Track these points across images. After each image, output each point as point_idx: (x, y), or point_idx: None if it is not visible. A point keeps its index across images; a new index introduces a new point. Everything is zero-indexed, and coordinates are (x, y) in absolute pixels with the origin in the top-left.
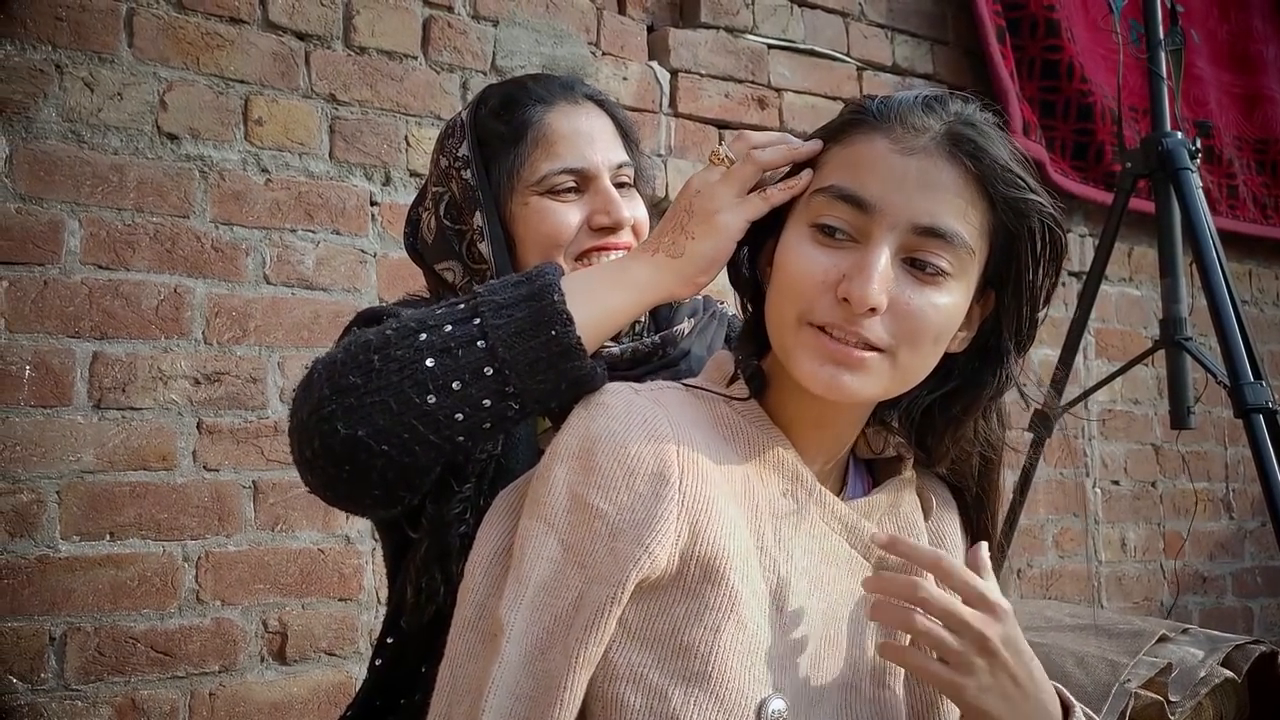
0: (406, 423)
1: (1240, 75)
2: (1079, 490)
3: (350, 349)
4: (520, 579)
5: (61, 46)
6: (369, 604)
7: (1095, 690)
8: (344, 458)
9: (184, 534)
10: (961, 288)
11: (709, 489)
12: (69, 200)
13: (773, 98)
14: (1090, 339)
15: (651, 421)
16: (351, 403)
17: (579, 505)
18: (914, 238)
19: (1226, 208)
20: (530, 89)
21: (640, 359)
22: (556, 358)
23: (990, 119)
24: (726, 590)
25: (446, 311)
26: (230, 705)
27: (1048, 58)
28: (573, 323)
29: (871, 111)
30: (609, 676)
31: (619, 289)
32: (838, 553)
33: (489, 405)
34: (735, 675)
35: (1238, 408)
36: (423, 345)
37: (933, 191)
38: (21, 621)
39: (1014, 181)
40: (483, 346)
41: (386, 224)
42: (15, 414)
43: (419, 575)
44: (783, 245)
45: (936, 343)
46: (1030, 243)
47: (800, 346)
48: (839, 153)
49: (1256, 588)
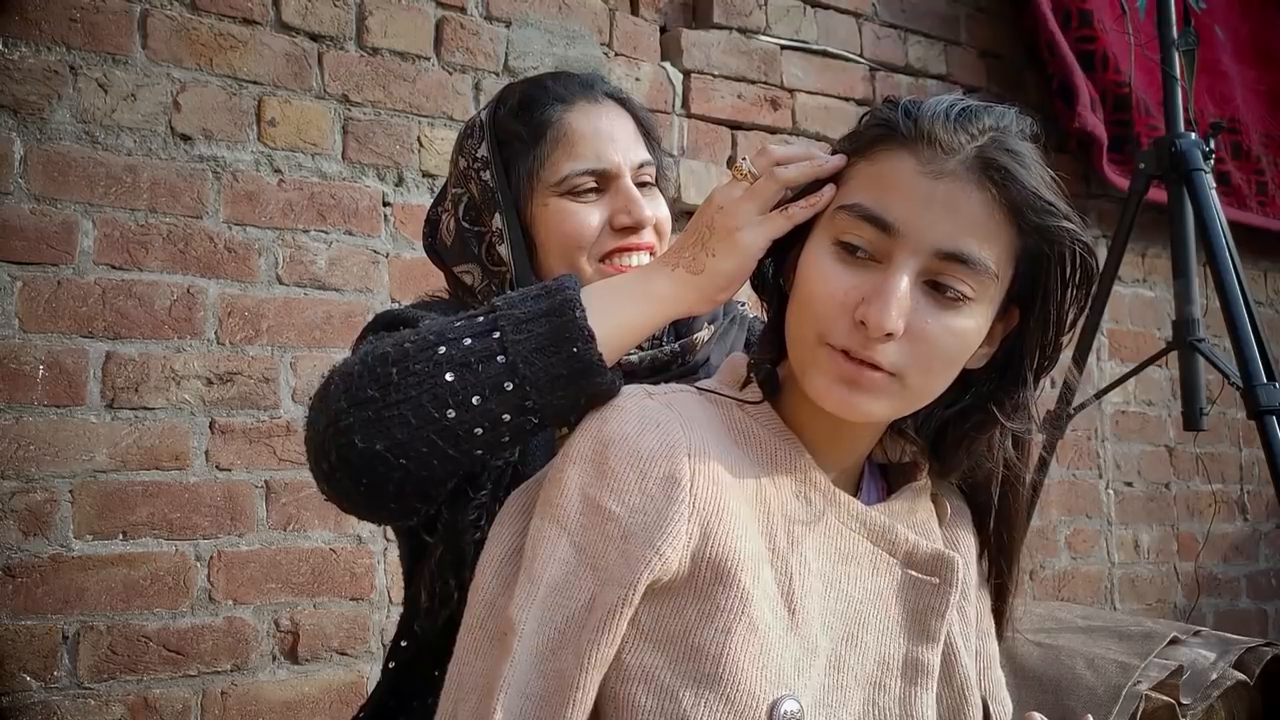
0: (426, 437)
1: (1264, 71)
2: (1092, 491)
3: (368, 360)
4: (532, 579)
5: (75, 48)
6: (381, 603)
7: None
8: (362, 471)
9: (196, 533)
10: (982, 311)
11: (720, 492)
12: (83, 201)
13: (785, 98)
14: (1104, 340)
15: (664, 424)
16: (369, 416)
17: (591, 507)
18: (936, 261)
19: (1256, 204)
20: (550, 88)
21: (659, 367)
22: (578, 374)
23: (1026, 131)
24: (738, 592)
25: (466, 324)
26: (242, 704)
27: (1082, 49)
28: (594, 339)
29: (900, 126)
30: (621, 677)
31: (638, 303)
32: (857, 551)
33: (508, 420)
34: (747, 676)
35: (1250, 409)
36: (442, 359)
37: (958, 216)
38: (35, 620)
39: (1044, 209)
40: (503, 362)
41: (399, 224)
42: (29, 413)
43: (433, 580)
44: (804, 259)
45: (951, 365)
46: (1060, 267)
47: (815, 365)
48: (865, 169)
49: (1271, 590)
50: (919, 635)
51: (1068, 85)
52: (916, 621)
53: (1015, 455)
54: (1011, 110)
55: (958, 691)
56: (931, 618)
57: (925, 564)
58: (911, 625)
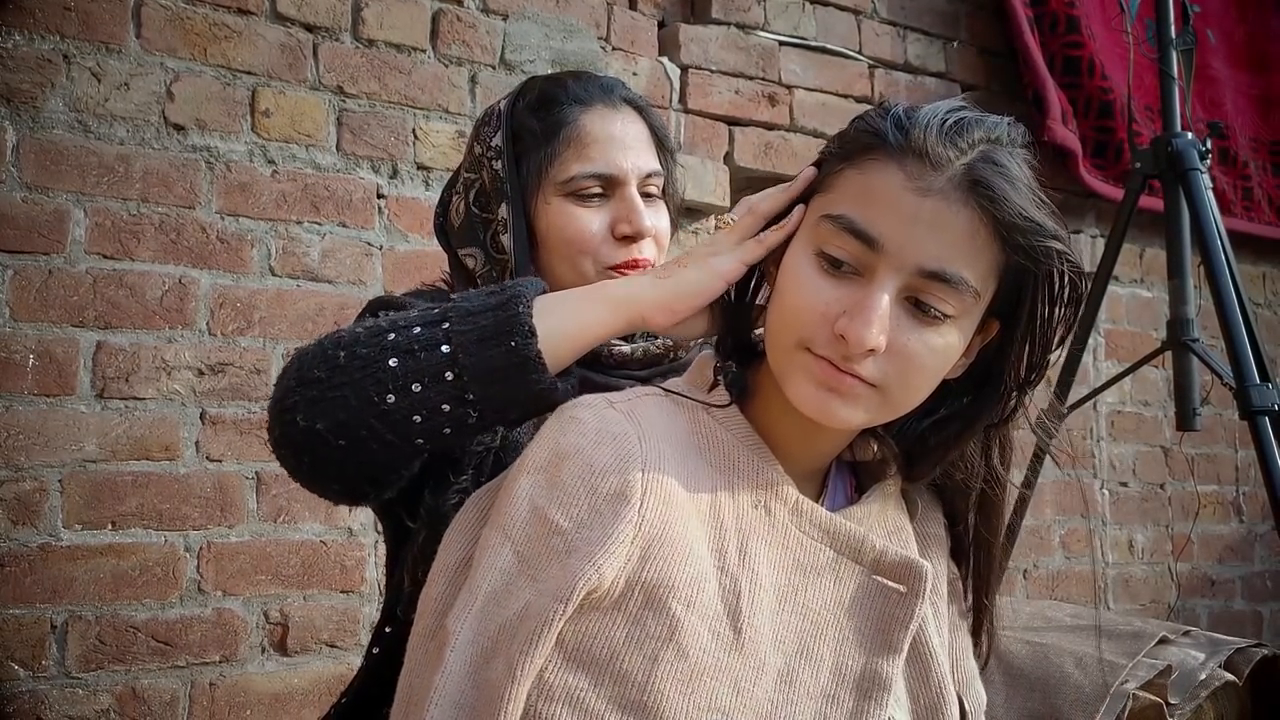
0: (364, 420)
1: (1258, 76)
2: (1087, 491)
3: (323, 343)
4: (472, 589)
5: (69, 37)
6: (371, 596)
7: (1093, 691)
8: (303, 448)
9: (186, 524)
10: (963, 327)
11: (670, 512)
12: (75, 190)
13: (783, 95)
14: (1100, 340)
15: (621, 438)
16: (314, 395)
17: (539, 519)
18: (919, 280)
19: (1242, 209)
20: (570, 88)
21: (651, 360)
22: (514, 368)
23: (1018, 143)
24: (666, 619)
25: (420, 314)
26: (231, 696)
27: (1069, 54)
28: (534, 335)
29: (889, 137)
30: (544, 696)
31: (592, 304)
32: (818, 561)
33: (448, 410)
34: (672, 704)
35: (1243, 410)
36: (389, 345)
37: (944, 235)
38: (23, 609)
39: (1032, 229)
40: (446, 351)
41: (393, 217)
42: (19, 403)
43: (415, 566)
44: (786, 263)
45: (931, 380)
46: (1049, 285)
47: (796, 369)
48: (853, 178)
49: (1266, 591)
50: (881, 646)
51: (1040, 97)
52: (880, 632)
53: (996, 465)
54: (1004, 121)
55: (934, 690)
56: (895, 628)
57: (893, 570)
58: (874, 636)
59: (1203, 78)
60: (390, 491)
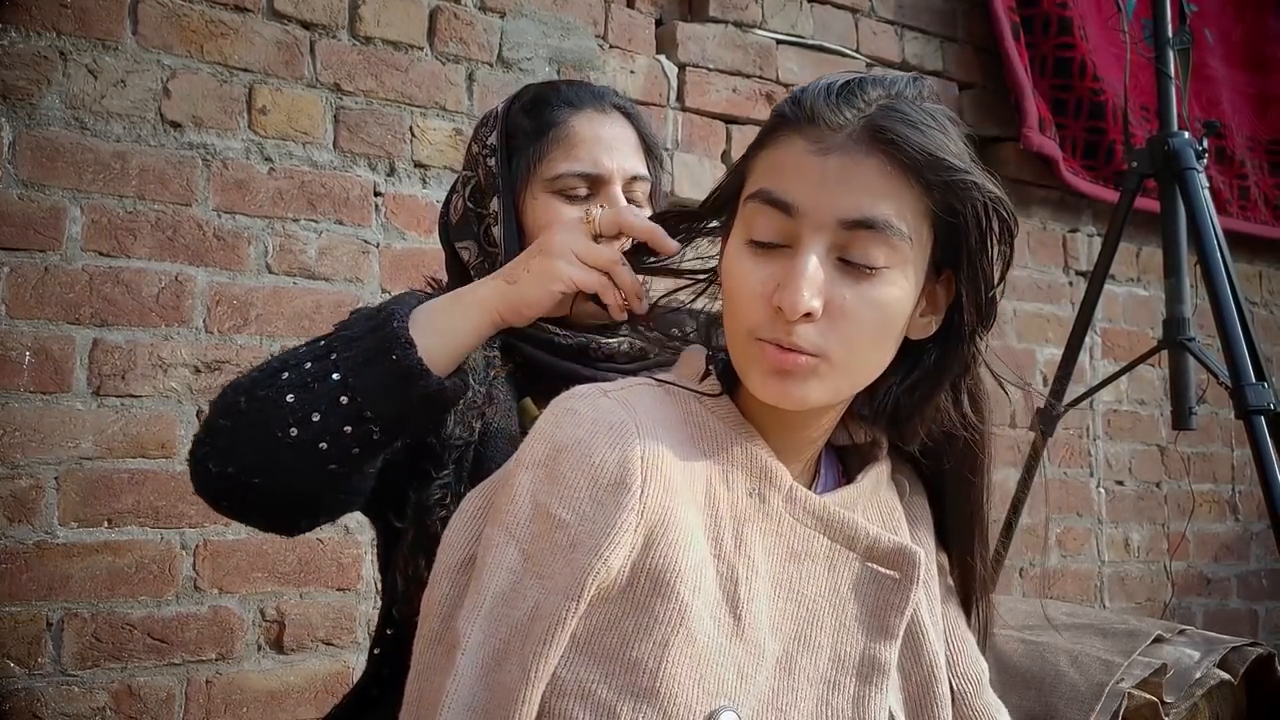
0: (274, 455)
1: (1254, 75)
2: (1083, 490)
3: (225, 393)
4: (479, 589)
5: (66, 33)
6: (367, 594)
7: (1088, 689)
8: (220, 493)
9: (182, 522)
10: (904, 277)
11: (670, 499)
12: (71, 187)
13: (781, 93)
14: (1097, 339)
15: (618, 427)
16: (222, 443)
17: (541, 515)
18: (844, 233)
19: (1238, 208)
20: (562, 91)
21: (636, 355)
22: (402, 380)
23: (923, 93)
24: (676, 604)
25: (307, 350)
26: (226, 693)
27: (1060, 55)
28: (413, 345)
29: (787, 112)
30: (556, 692)
31: (459, 308)
32: (812, 549)
33: (350, 431)
34: (684, 690)
35: (1239, 409)
36: (284, 383)
37: (852, 185)
38: (19, 607)
39: (943, 165)
40: (337, 378)
41: (390, 215)
42: (15, 400)
43: (406, 564)
44: (725, 264)
45: (881, 337)
46: (975, 223)
47: (750, 361)
48: (765, 157)
49: (1262, 590)
50: (877, 632)
51: (1018, 104)
52: (875, 617)
53: (968, 412)
54: (906, 78)
55: (925, 668)
56: (890, 614)
57: (886, 557)
58: (870, 622)
59: (1200, 77)
60: (327, 519)
